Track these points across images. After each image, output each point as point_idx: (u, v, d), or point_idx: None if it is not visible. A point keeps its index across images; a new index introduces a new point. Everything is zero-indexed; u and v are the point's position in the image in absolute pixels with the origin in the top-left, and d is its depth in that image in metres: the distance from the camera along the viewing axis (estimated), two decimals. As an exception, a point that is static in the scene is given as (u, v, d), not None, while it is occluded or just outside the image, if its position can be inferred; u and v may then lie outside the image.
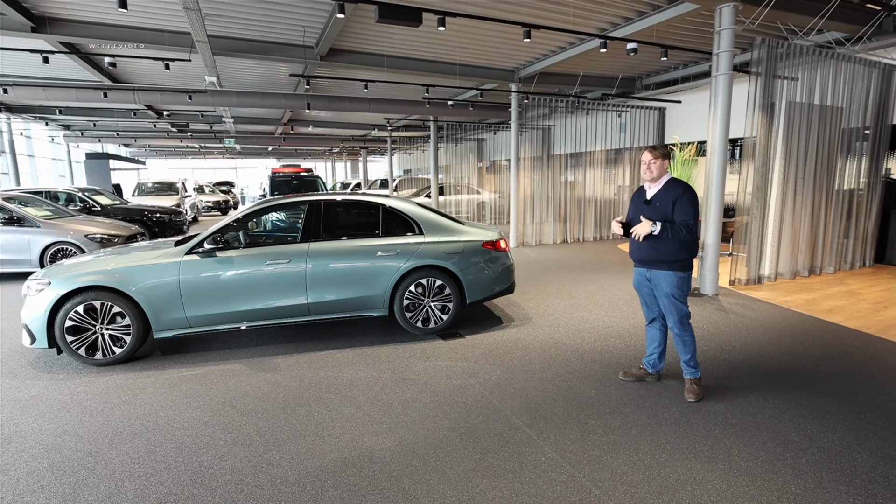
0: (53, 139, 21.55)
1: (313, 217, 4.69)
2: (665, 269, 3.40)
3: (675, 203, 3.33)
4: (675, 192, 3.36)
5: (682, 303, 3.44)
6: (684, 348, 3.49)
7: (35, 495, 2.49)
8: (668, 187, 3.41)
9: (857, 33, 7.13)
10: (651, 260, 3.45)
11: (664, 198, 3.39)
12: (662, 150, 3.44)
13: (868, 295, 6.29)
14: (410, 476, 2.63)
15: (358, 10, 6.82)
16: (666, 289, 3.41)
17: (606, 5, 6.94)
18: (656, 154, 3.42)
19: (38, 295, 4.02)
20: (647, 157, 3.44)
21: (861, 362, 4.15)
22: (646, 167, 3.44)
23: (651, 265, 3.47)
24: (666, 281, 3.41)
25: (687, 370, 3.54)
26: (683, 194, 3.34)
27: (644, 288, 3.62)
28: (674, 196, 3.35)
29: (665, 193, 3.40)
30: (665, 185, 3.43)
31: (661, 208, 3.37)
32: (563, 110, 11.73)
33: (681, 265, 3.38)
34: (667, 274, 3.40)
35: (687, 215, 3.30)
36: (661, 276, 3.43)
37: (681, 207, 3.32)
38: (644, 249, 3.46)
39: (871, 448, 2.86)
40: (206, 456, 2.83)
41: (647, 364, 3.77)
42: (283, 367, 4.12)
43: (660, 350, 3.70)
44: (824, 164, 7.13)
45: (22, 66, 10.30)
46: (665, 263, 3.38)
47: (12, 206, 7.57)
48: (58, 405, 3.46)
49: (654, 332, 3.69)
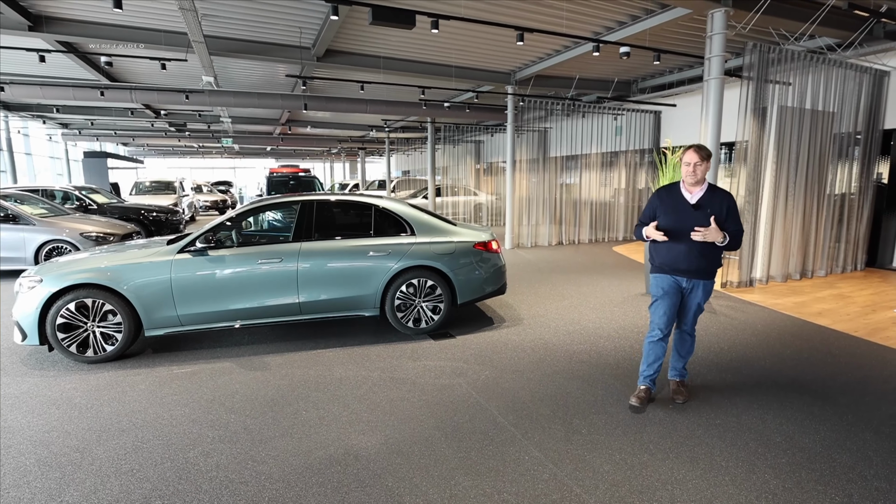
0: (51, 137, 21.55)
1: (306, 217, 4.71)
2: (705, 279, 3.30)
3: (729, 210, 3.18)
4: (725, 199, 3.21)
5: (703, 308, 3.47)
6: (688, 351, 3.52)
7: (20, 490, 2.51)
8: (714, 193, 3.23)
9: (848, 39, 7.20)
10: (698, 269, 3.25)
11: (713, 203, 3.18)
12: (706, 151, 3.21)
13: (858, 298, 6.33)
14: (394, 474, 2.66)
15: (353, 12, 6.86)
16: (702, 297, 3.32)
17: (600, 9, 6.99)
18: (703, 155, 3.17)
19: (29, 292, 4.04)
20: (692, 159, 3.16)
21: (847, 365, 4.19)
22: (691, 170, 3.17)
23: (696, 275, 3.27)
24: (704, 290, 3.32)
25: (683, 373, 3.59)
26: (733, 202, 3.24)
27: (673, 298, 3.32)
28: (726, 202, 3.20)
29: (712, 199, 3.20)
30: (709, 190, 3.24)
31: (715, 214, 3.14)
32: (560, 113, 11.78)
33: (715, 273, 3.35)
34: (707, 283, 3.32)
35: (739, 223, 3.23)
36: (702, 285, 3.31)
37: (733, 215, 3.21)
38: (694, 258, 3.21)
39: (851, 449, 2.89)
40: (192, 453, 2.85)
41: (650, 381, 3.46)
42: (272, 366, 4.14)
43: (660, 364, 3.45)
44: (816, 168, 7.19)
45: (19, 65, 10.32)
46: (709, 273, 3.28)
47: (8, 204, 7.59)
48: (47, 401, 3.48)
49: (663, 346, 3.39)
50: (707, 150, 3.20)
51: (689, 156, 3.18)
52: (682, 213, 3.21)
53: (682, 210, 3.22)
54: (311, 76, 10.14)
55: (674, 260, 3.26)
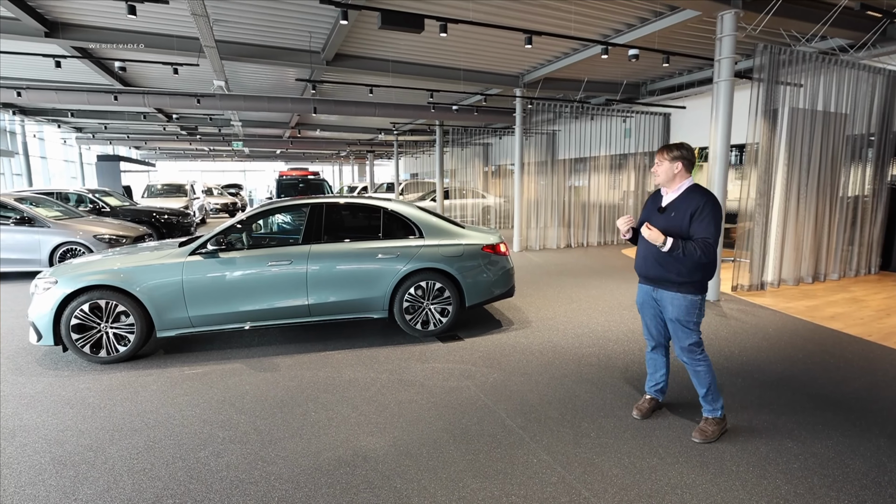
0: (66, 141, 21.90)
1: (315, 219, 4.75)
2: (673, 291, 2.94)
3: (694, 215, 2.83)
4: (694, 203, 2.85)
5: (692, 329, 2.95)
6: (697, 381, 3.02)
7: (36, 488, 2.56)
8: (688, 196, 2.91)
9: (860, 40, 7.12)
10: (658, 278, 2.99)
11: (681, 207, 2.89)
12: (677, 150, 2.94)
13: (872, 302, 6.25)
14: (402, 475, 2.67)
15: (362, 16, 6.92)
16: (673, 313, 2.96)
17: (608, 12, 6.98)
18: (663, 155, 2.96)
19: (45, 293, 4.11)
20: (655, 158, 3.01)
21: (860, 369, 4.14)
22: (653, 170, 3.03)
23: (658, 284, 3.01)
24: (673, 304, 2.95)
25: (705, 406, 3.06)
26: (705, 206, 2.82)
27: (648, 308, 3.15)
28: (693, 207, 2.84)
29: (682, 202, 2.90)
30: (684, 193, 2.93)
31: (676, 220, 2.88)
32: (568, 115, 11.76)
33: (692, 287, 2.90)
34: (675, 296, 2.94)
35: (707, 232, 2.78)
36: (668, 297, 2.97)
37: (700, 222, 2.81)
38: (650, 265, 2.99)
39: (865, 455, 2.86)
40: (203, 453, 2.88)
41: (655, 393, 3.33)
42: (282, 367, 4.17)
43: (667, 375, 3.29)
44: (828, 170, 7.11)
45: (36, 70, 10.52)
46: (674, 284, 2.92)
47: (24, 207, 7.72)
48: (61, 401, 3.54)
49: (658, 357, 3.26)
50: (677, 150, 2.94)
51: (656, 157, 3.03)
52: (650, 216, 3.05)
53: (651, 212, 3.07)
54: (320, 80, 10.22)
55: (639, 265, 3.12)
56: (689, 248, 2.77)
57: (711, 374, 3.01)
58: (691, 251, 2.77)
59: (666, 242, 2.80)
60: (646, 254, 3.03)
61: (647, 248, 3.00)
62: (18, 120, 15.84)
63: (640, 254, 3.09)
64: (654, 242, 2.84)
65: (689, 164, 2.96)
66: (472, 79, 10.40)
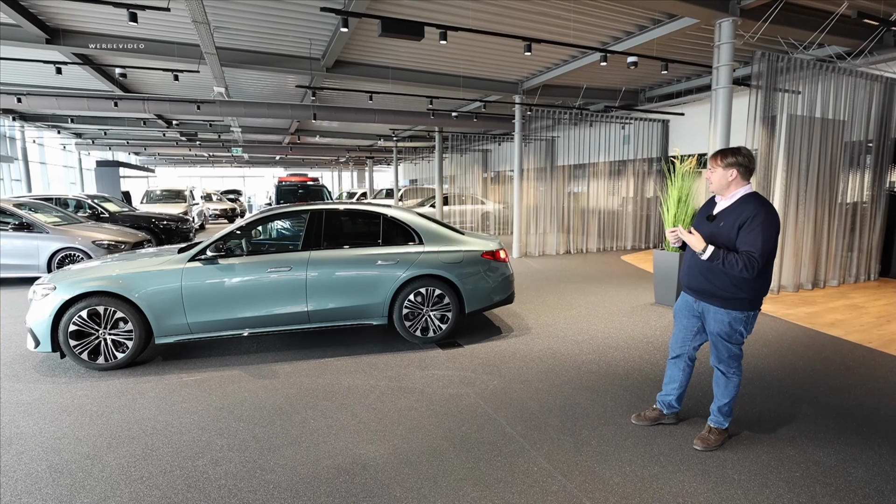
0: (65, 147, 21.92)
1: (314, 226, 4.75)
2: (717, 306, 2.78)
3: (743, 226, 2.63)
4: (746, 213, 2.65)
5: (733, 344, 2.82)
6: (724, 390, 2.92)
7: (32, 496, 2.53)
8: (741, 204, 2.71)
9: (857, 47, 7.16)
10: (701, 290, 2.85)
11: (731, 217, 2.71)
12: (732, 156, 2.73)
13: (872, 309, 6.24)
14: (402, 484, 2.65)
15: (362, 24, 6.95)
16: (714, 327, 2.82)
17: (607, 20, 7.03)
18: (716, 161, 2.77)
19: (43, 299, 4.10)
20: (709, 164, 2.83)
21: (861, 376, 4.12)
22: (707, 177, 2.86)
23: (701, 296, 2.87)
24: (716, 319, 2.80)
25: (715, 416, 3.00)
26: (756, 217, 2.61)
27: (682, 318, 3.02)
28: (743, 217, 2.65)
29: (733, 211, 2.71)
30: (738, 202, 2.74)
31: (725, 230, 2.71)
32: (567, 122, 11.80)
33: (738, 304, 2.73)
34: (717, 311, 2.78)
35: (752, 245, 2.59)
36: (711, 311, 2.82)
37: (748, 233, 2.61)
38: (694, 276, 2.85)
39: (868, 463, 2.84)
40: (201, 461, 2.86)
41: (661, 403, 3.24)
42: (281, 374, 4.15)
43: (680, 392, 3.15)
44: (827, 177, 7.13)
45: (36, 76, 10.54)
46: (718, 299, 2.77)
47: (22, 213, 7.71)
48: (59, 408, 3.51)
49: (675, 370, 3.13)
50: (731, 155, 2.74)
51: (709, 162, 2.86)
52: (699, 224, 2.90)
53: (700, 220, 2.93)
54: (320, 87, 10.26)
55: (683, 275, 3.00)
56: (731, 259, 2.61)
57: (737, 390, 2.94)
58: (732, 263, 2.60)
59: (706, 250, 2.68)
60: (691, 263, 2.92)
61: (693, 257, 2.89)
62: (18, 125, 15.85)
63: (686, 262, 2.98)
64: (694, 248, 2.74)
65: (746, 170, 2.76)
66: (472, 86, 10.45)
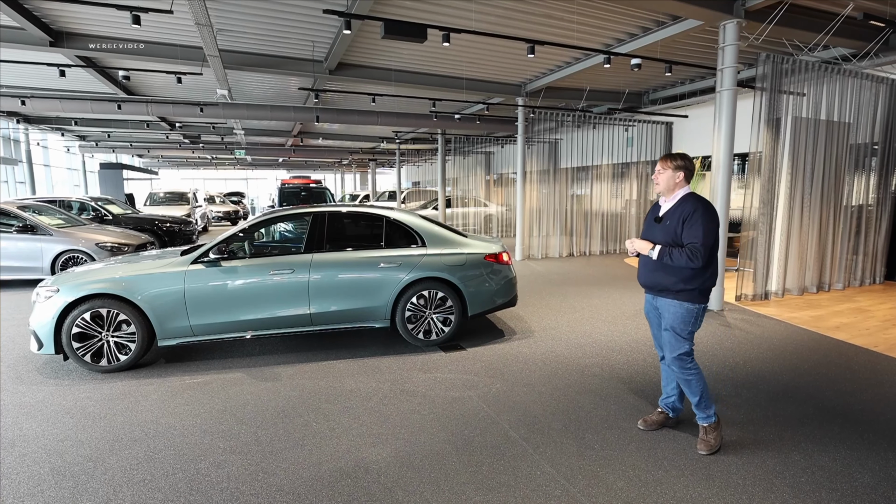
0: (69, 149, 22.03)
1: (317, 228, 4.74)
2: (670, 298, 2.97)
3: (686, 221, 2.86)
4: (687, 209, 2.89)
5: (684, 338, 2.96)
6: (689, 390, 3.01)
7: (35, 499, 2.53)
8: (682, 203, 2.94)
9: (863, 49, 7.13)
10: (654, 285, 3.05)
11: (675, 215, 2.93)
12: (680, 160, 2.98)
13: (877, 312, 6.20)
14: (404, 487, 2.63)
15: (365, 26, 6.96)
16: (669, 320, 2.99)
17: (611, 22, 7.02)
18: (666, 163, 2.99)
19: (46, 302, 4.10)
20: (657, 166, 3.05)
21: (867, 381, 4.09)
22: (654, 178, 3.08)
23: (657, 292, 3.06)
24: (669, 311, 2.99)
25: (700, 414, 3.06)
26: (695, 212, 2.85)
27: (653, 317, 3.20)
28: (685, 213, 2.88)
29: (677, 210, 2.94)
30: (679, 201, 2.97)
31: (670, 228, 2.93)
32: (570, 124, 11.78)
33: (688, 295, 2.91)
34: (671, 303, 2.98)
35: (695, 237, 2.81)
36: (665, 304, 3.01)
37: (689, 228, 2.84)
38: (648, 273, 3.06)
39: (873, 468, 2.81)
40: (203, 463, 2.86)
41: (665, 407, 3.30)
42: (283, 377, 4.15)
43: (679, 391, 3.23)
44: (832, 179, 7.10)
45: (40, 79, 10.60)
46: (670, 292, 2.96)
47: (26, 215, 7.74)
48: (61, 410, 3.52)
49: (667, 370, 3.25)
50: (677, 159, 2.98)
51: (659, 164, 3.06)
52: (649, 226, 3.11)
53: (649, 223, 3.13)
54: (323, 89, 10.29)
55: (640, 275, 3.16)
56: (676, 253, 2.84)
57: (703, 382, 3.01)
58: (678, 256, 2.83)
59: (654, 249, 2.93)
60: (644, 262, 3.10)
61: (646, 257, 3.07)
62: (22, 128, 15.95)
63: (640, 263, 3.15)
64: (643, 253, 2.99)
65: (690, 173, 3.02)
66: (475, 88, 10.45)
